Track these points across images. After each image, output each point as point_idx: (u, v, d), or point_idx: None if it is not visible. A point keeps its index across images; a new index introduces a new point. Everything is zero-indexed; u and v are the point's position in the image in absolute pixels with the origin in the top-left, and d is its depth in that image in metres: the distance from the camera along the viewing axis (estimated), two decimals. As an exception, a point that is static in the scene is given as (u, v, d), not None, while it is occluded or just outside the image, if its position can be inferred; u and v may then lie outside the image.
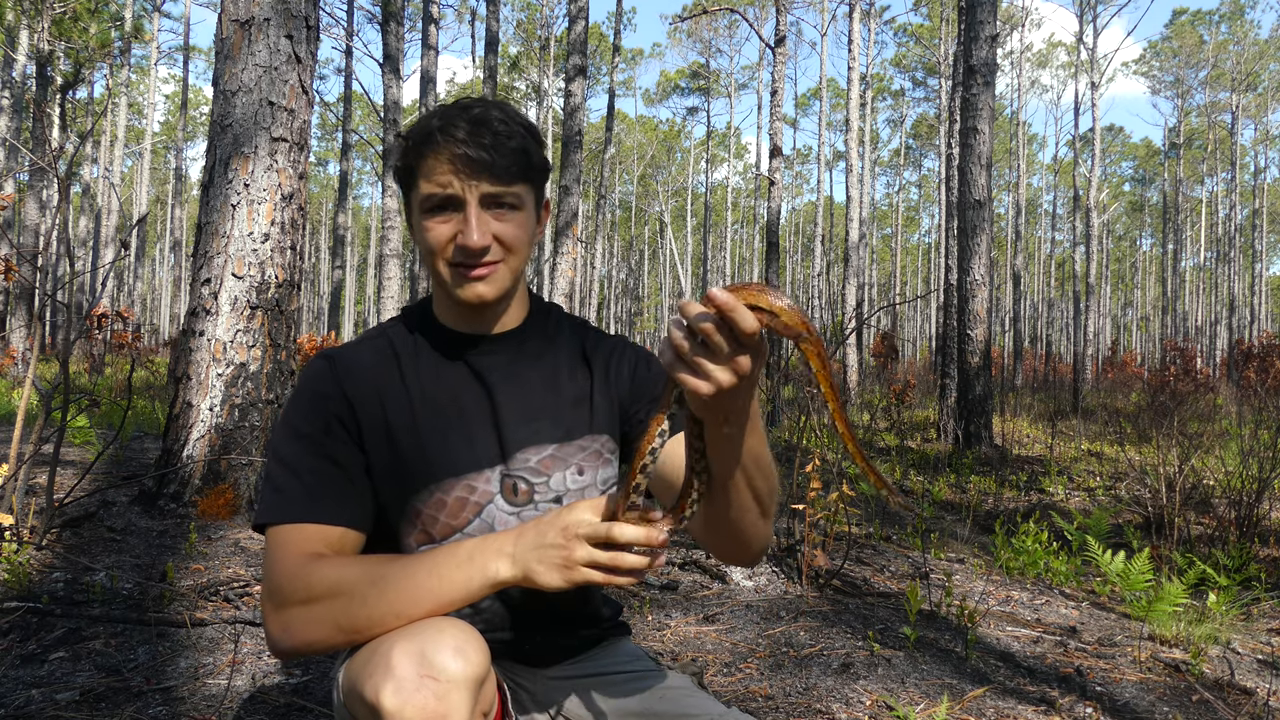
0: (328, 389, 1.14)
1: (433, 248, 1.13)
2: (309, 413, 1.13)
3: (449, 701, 0.89)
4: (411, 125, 1.17)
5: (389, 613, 0.96)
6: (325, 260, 48.87)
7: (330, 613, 0.98)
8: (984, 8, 8.10)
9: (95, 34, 18.48)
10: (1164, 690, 2.49)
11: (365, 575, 0.99)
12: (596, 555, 0.94)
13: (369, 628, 0.97)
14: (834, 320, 16.70)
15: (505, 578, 0.97)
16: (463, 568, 0.97)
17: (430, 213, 1.12)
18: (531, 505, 1.18)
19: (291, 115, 3.99)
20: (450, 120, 1.11)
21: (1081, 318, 20.61)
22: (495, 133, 1.10)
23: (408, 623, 0.96)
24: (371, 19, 22.95)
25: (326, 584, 0.99)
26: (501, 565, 0.96)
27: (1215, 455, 6.90)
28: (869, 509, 4.97)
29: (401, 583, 0.97)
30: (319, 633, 0.99)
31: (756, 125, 37.45)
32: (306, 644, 1.00)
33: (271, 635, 1.02)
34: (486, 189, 1.11)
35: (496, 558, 0.97)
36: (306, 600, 0.99)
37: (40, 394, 3.49)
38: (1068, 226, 38.60)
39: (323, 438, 1.12)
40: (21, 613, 2.45)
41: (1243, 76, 34.32)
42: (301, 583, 1.00)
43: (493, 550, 0.97)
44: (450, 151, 1.09)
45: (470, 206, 1.10)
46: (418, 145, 1.12)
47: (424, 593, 0.96)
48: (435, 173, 1.10)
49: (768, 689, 2.30)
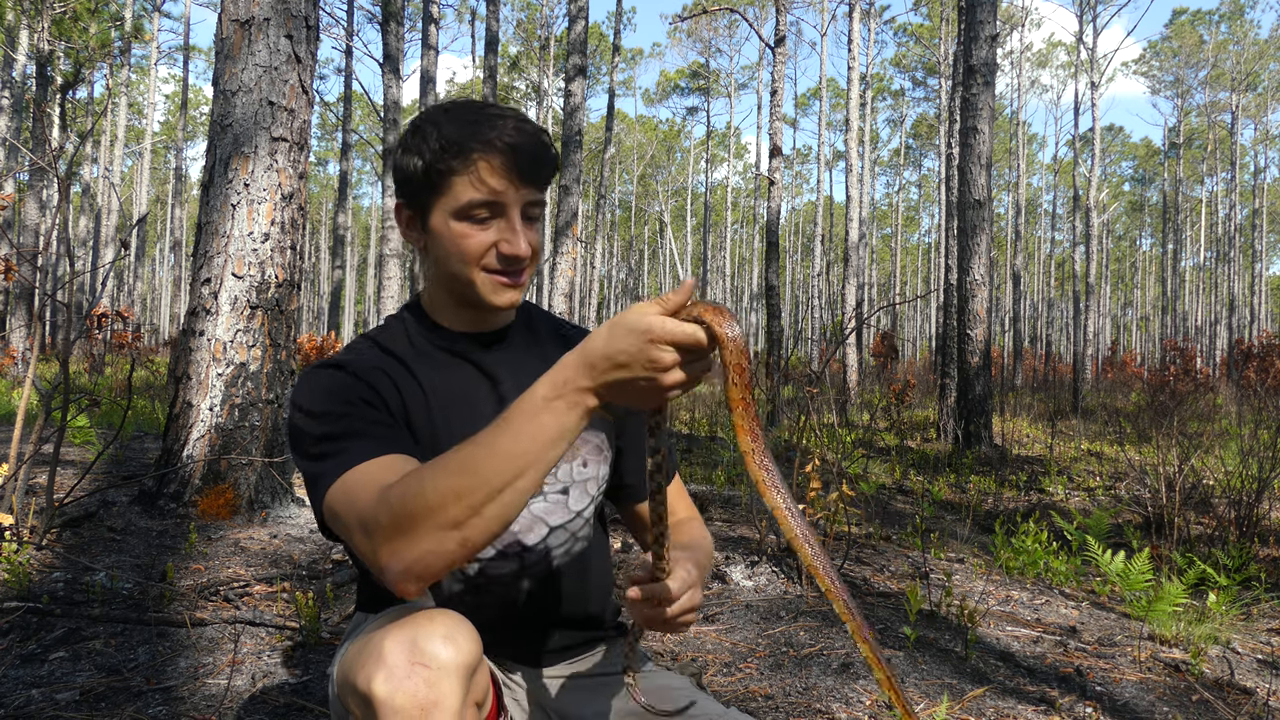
0: (344, 378, 1.10)
1: (469, 254, 1.10)
2: (330, 397, 1.08)
3: (440, 689, 0.89)
4: (434, 123, 1.10)
5: (490, 491, 0.88)
6: (325, 260, 48.86)
7: (429, 518, 0.89)
8: (984, 8, 8.10)
9: (95, 34, 18.47)
10: (1164, 690, 2.49)
11: (445, 470, 0.91)
12: (686, 374, 0.86)
13: (471, 516, 0.89)
14: (834, 320, 16.69)
15: (592, 408, 0.89)
16: (551, 418, 0.88)
17: (468, 218, 1.09)
18: (541, 496, 1.19)
19: (291, 115, 3.99)
20: (495, 124, 1.07)
21: (1081, 317, 20.61)
22: (540, 140, 1.09)
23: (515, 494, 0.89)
24: (371, 19, 22.95)
25: (412, 495, 0.91)
26: (588, 400, 0.88)
27: (1215, 455, 6.90)
28: (869, 509, 4.97)
29: (490, 457, 0.89)
30: (425, 543, 0.90)
31: (756, 125, 37.48)
32: (417, 558, 0.90)
33: (383, 566, 0.93)
34: (530, 196, 1.10)
35: (580, 396, 0.88)
36: (399, 519, 0.91)
37: (40, 394, 3.49)
38: (1068, 226, 38.59)
39: (347, 408, 1.07)
40: (21, 613, 2.45)
41: (1243, 76, 34.31)
42: (385, 506, 0.93)
43: (572, 393, 0.88)
44: (505, 159, 1.06)
45: (515, 215, 1.09)
46: (462, 146, 1.06)
47: (519, 455, 0.88)
48: (489, 177, 1.07)
49: (767, 689, 2.30)
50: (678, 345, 0.85)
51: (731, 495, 5.35)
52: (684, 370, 0.86)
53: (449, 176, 1.08)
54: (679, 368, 0.86)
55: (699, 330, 0.86)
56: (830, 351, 5.96)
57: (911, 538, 4.28)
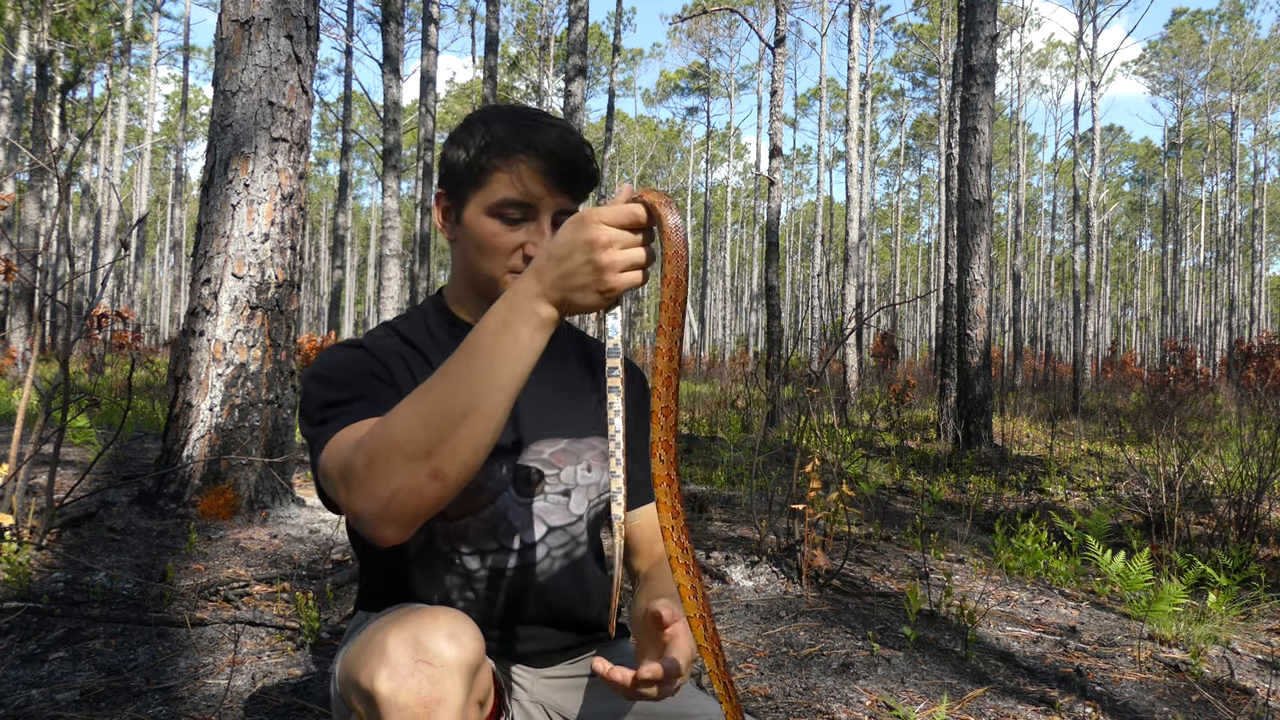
0: (358, 354, 1.14)
1: (496, 250, 1.12)
2: (344, 368, 1.10)
3: (443, 686, 0.89)
4: (484, 121, 1.13)
5: (455, 414, 0.87)
6: (325, 260, 48.86)
7: (397, 449, 0.89)
8: (984, 8, 8.10)
9: (95, 34, 18.48)
10: (1164, 690, 2.49)
11: (410, 399, 0.91)
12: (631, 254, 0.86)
13: (439, 444, 0.88)
14: (834, 320, 16.69)
15: (550, 316, 0.88)
16: (507, 333, 0.88)
17: (500, 216, 1.12)
18: (541, 496, 1.19)
19: (291, 115, 3.99)
20: (541, 130, 1.11)
21: (1081, 318, 20.62)
22: (583, 153, 1.12)
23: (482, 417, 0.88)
24: (371, 19, 22.96)
25: (379, 432, 0.91)
26: (541, 308, 0.87)
27: (1215, 455, 6.90)
28: (869, 509, 4.97)
29: (452, 383, 0.89)
30: (397, 477, 0.89)
31: (756, 125, 37.49)
32: (391, 495, 0.90)
33: (359, 512, 0.93)
34: (564, 205, 1.13)
35: (531, 304, 0.88)
36: (371, 457, 0.91)
37: (40, 394, 3.49)
38: (1068, 226, 38.60)
39: (360, 382, 1.09)
40: (21, 613, 2.45)
41: (1242, 76, 34.32)
42: (360, 450, 0.93)
43: (523, 302, 0.88)
44: (546, 164, 1.10)
45: (545, 219, 1.12)
46: (506, 146, 1.10)
47: (480, 375, 0.88)
48: (527, 179, 1.10)
49: (768, 689, 2.30)
50: (615, 224, 0.85)
51: (731, 495, 5.35)
52: (624, 252, 0.85)
53: (490, 173, 1.12)
54: (619, 247, 0.85)
55: (635, 206, 0.86)
56: (830, 352, 5.96)
57: (911, 538, 4.28)
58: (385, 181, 12.82)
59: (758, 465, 5.60)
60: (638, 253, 0.86)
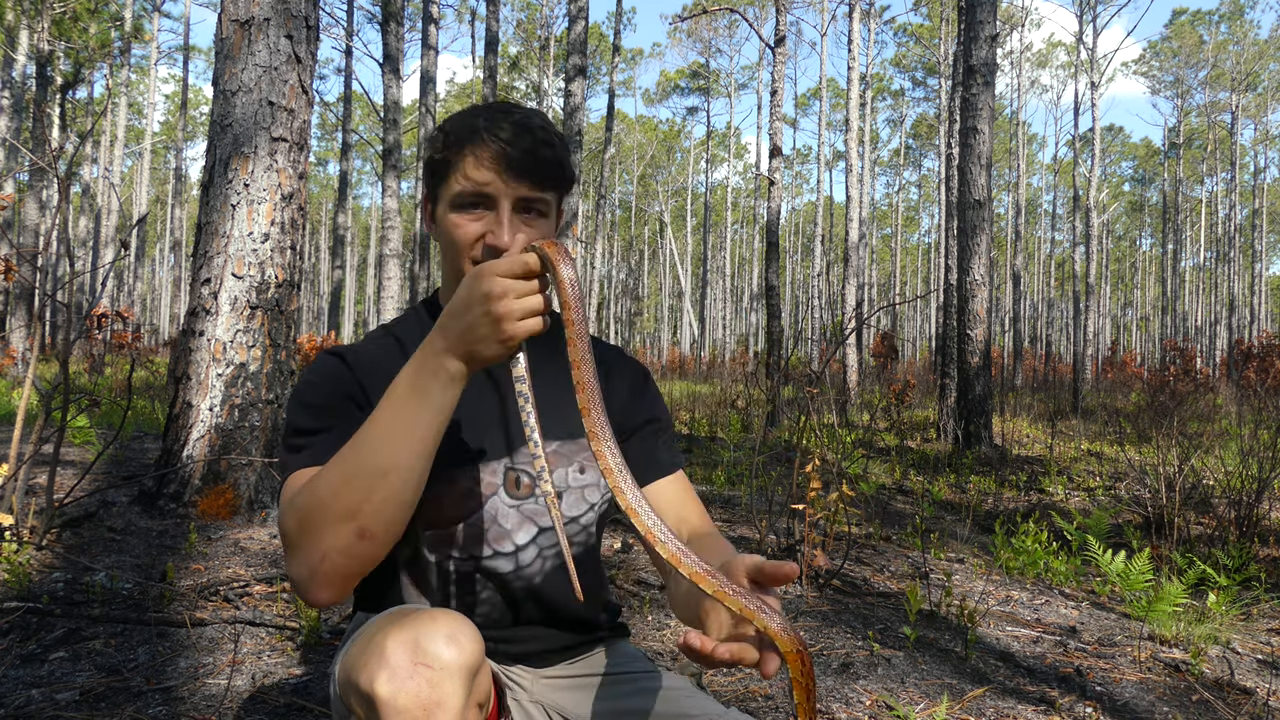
0: (340, 372, 1.15)
1: (459, 243, 1.13)
2: (320, 389, 1.13)
3: (442, 689, 0.89)
4: (451, 118, 1.17)
5: (374, 474, 0.92)
6: (325, 260, 48.86)
7: (323, 511, 0.94)
8: (984, 8, 8.10)
9: (95, 34, 18.48)
10: (1164, 690, 2.49)
11: (334, 461, 0.96)
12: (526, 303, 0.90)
13: (362, 502, 0.92)
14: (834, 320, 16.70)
15: (459, 370, 0.93)
16: (417, 394, 0.93)
17: (461, 208, 1.13)
18: (533, 499, 1.19)
19: (291, 115, 3.99)
20: (495, 120, 1.12)
21: (1081, 318, 20.62)
22: (537, 139, 1.12)
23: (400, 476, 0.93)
24: (371, 19, 22.96)
25: (307, 494, 0.96)
26: (448, 363, 0.93)
27: (1215, 455, 6.90)
28: (869, 509, 4.97)
29: (370, 444, 0.94)
30: (325, 538, 0.93)
31: (756, 125, 37.49)
32: (321, 557, 0.94)
33: (295, 578, 0.97)
34: (523, 192, 1.12)
35: (438, 361, 0.93)
36: (301, 520, 0.95)
37: (40, 394, 3.49)
38: (1068, 226, 38.61)
39: (335, 406, 1.11)
40: (21, 613, 2.45)
41: (1242, 76, 34.32)
42: (291, 511, 0.97)
43: (430, 360, 0.93)
44: (494, 150, 1.10)
45: (504, 208, 1.12)
46: (460, 140, 1.12)
47: (396, 435, 0.93)
48: (474, 169, 1.11)
49: (767, 689, 2.30)
50: (508, 275, 0.89)
51: (732, 495, 5.35)
52: (519, 301, 0.89)
53: (450, 166, 1.13)
54: (514, 296, 0.89)
55: (527, 256, 0.90)
56: (830, 352, 5.96)
57: (911, 538, 4.28)
58: (385, 181, 12.82)
59: (758, 465, 5.60)
60: (533, 300, 0.90)
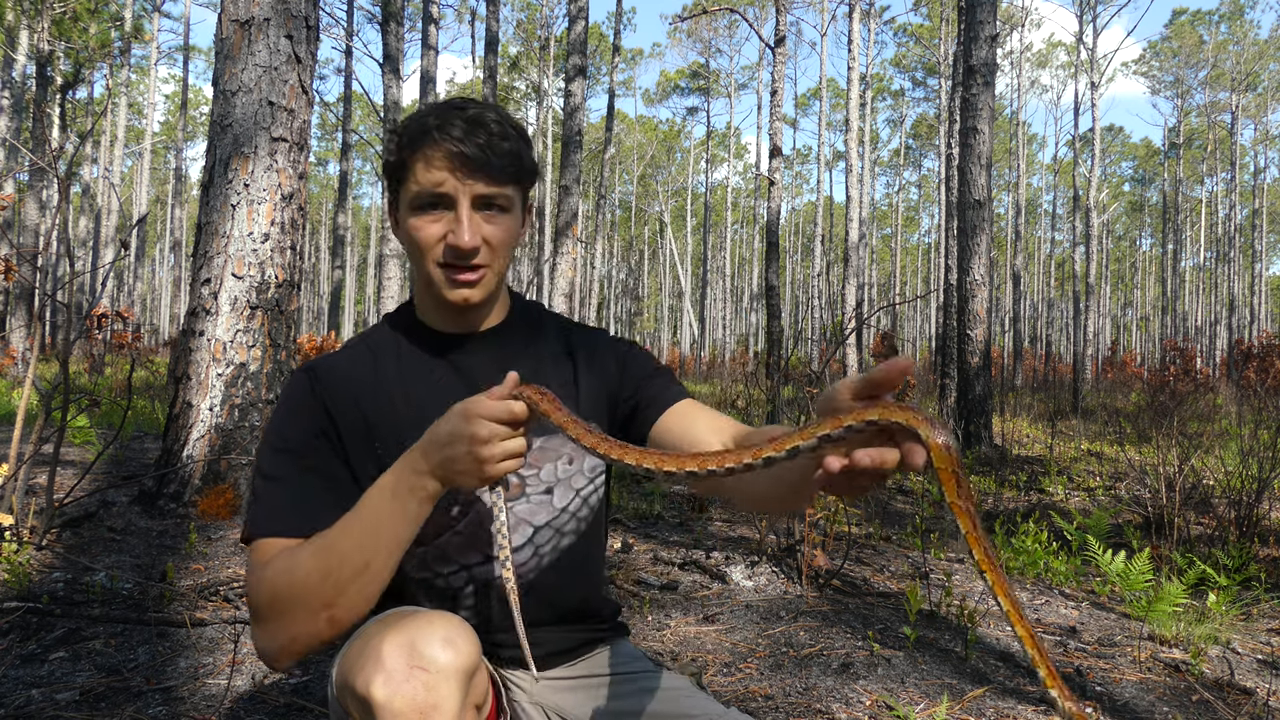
0: (306, 400, 1.15)
1: (421, 246, 1.12)
2: (288, 426, 1.14)
3: (439, 692, 0.89)
4: (404, 121, 1.15)
5: (350, 573, 0.98)
6: (325, 260, 48.85)
7: (298, 600, 0.99)
8: (984, 8, 8.10)
9: (95, 34, 18.48)
10: (1164, 690, 2.49)
11: (310, 552, 1.01)
12: (508, 446, 0.96)
13: (337, 596, 0.98)
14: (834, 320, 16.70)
15: (436, 490, 0.99)
16: (396, 505, 0.99)
17: (420, 210, 1.12)
18: (524, 498, 1.18)
19: (291, 115, 3.99)
20: (446, 118, 1.10)
21: (1081, 318, 20.62)
22: (491, 134, 1.10)
23: (374, 573, 0.99)
24: (371, 19, 22.96)
25: (282, 576, 1.00)
26: (428, 484, 0.99)
27: (1215, 455, 6.90)
28: (869, 509, 4.97)
29: (346, 541, 0.99)
30: (297, 624, 1.00)
31: (756, 125, 37.47)
32: (291, 639, 1.01)
33: (261, 648, 1.04)
34: (480, 189, 1.10)
35: (419, 480, 0.99)
36: (278, 608, 1.00)
37: (40, 394, 3.49)
38: (1068, 226, 38.60)
39: (302, 449, 1.12)
40: (21, 613, 2.45)
41: (1242, 76, 34.31)
42: (267, 590, 1.01)
43: (410, 477, 0.99)
44: (446, 149, 1.08)
45: (463, 206, 1.10)
46: (412, 141, 1.11)
47: (371, 539, 0.99)
48: (429, 170, 1.09)
49: (767, 689, 2.30)
50: (495, 420, 0.95)
51: (731, 495, 5.35)
52: (503, 444, 0.96)
53: (406, 169, 1.12)
54: (498, 440, 0.95)
55: (516, 405, 0.96)
56: (830, 352, 5.96)
57: (911, 538, 4.28)
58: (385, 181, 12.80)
59: (758, 465, 5.57)
60: (516, 444, 0.97)
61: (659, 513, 4.55)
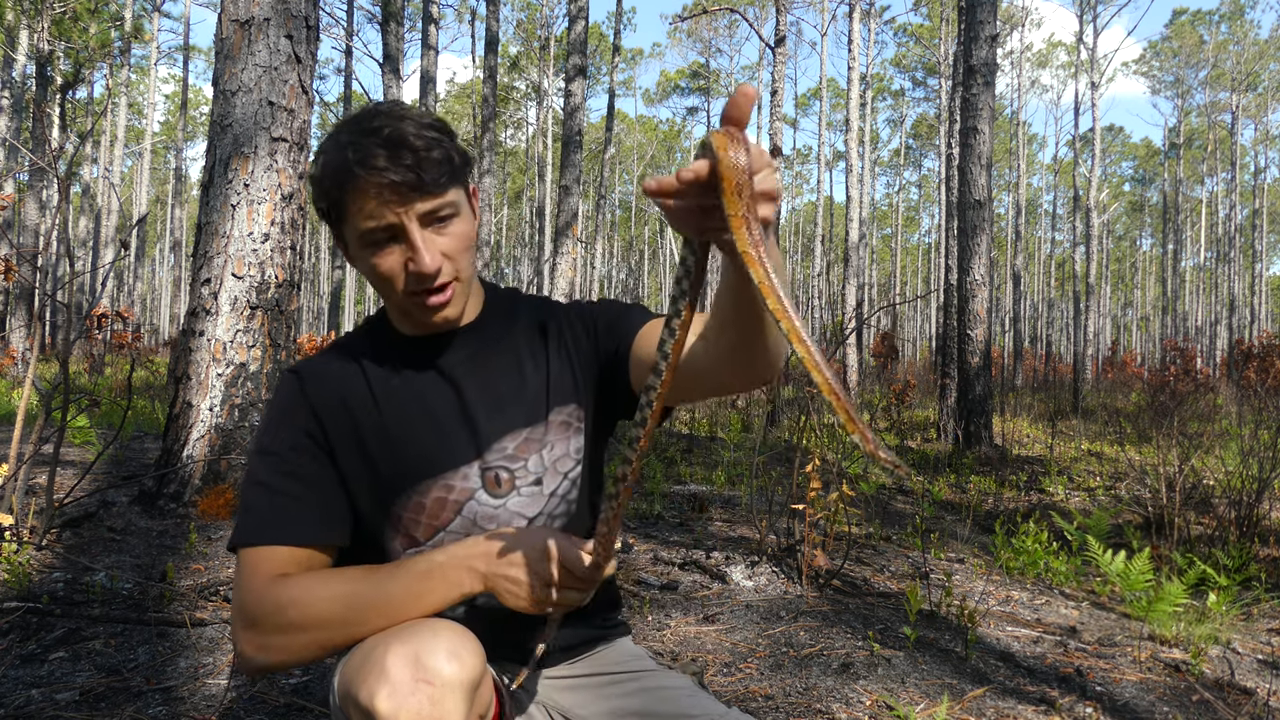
0: (294, 404, 1.14)
1: (386, 278, 1.08)
2: (277, 430, 1.14)
3: (444, 706, 0.88)
4: (320, 160, 1.08)
5: (369, 625, 1.01)
6: (325, 260, 48.83)
7: (313, 639, 1.02)
8: (984, 8, 8.10)
9: (95, 34, 18.48)
10: (1164, 690, 2.49)
11: (333, 595, 1.02)
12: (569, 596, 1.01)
13: (345, 640, 1.03)
14: (834, 320, 16.70)
15: (474, 591, 1.02)
16: (434, 582, 1.02)
17: (372, 246, 1.07)
18: (515, 492, 1.17)
19: (291, 115, 3.99)
20: (364, 150, 1.03)
21: (1081, 318, 20.61)
22: (414, 149, 1.03)
23: (383, 626, 1.01)
24: (371, 19, 22.96)
25: (301, 612, 1.02)
26: (469, 583, 1.02)
27: (1215, 455, 6.90)
28: (869, 509, 4.97)
29: (378, 604, 1.01)
30: (304, 655, 1.04)
31: (756, 125, 37.52)
32: (286, 664, 1.05)
33: (246, 655, 1.04)
34: (423, 208, 1.05)
35: (466, 577, 1.02)
36: (283, 627, 1.02)
37: (40, 394, 3.49)
38: (1068, 226, 38.61)
39: (291, 454, 1.11)
40: (21, 613, 2.45)
41: (1243, 76, 34.31)
42: (273, 606, 1.02)
43: (455, 572, 1.02)
44: (375, 183, 1.02)
45: (413, 232, 1.05)
46: (338, 183, 1.04)
47: (399, 608, 1.01)
48: (366, 207, 1.04)
49: (768, 689, 2.30)
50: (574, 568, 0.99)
51: (732, 495, 5.35)
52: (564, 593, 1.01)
53: (342, 207, 1.07)
54: (563, 588, 1.00)
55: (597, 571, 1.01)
56: (830, 352, 5.96)
57: (911, 538, 4.28)
58: (385, 181, 12.80)
59: (758, 465, 5.60)
60: (576, 596, 1.02)
61: (659, 513, 4.55)
